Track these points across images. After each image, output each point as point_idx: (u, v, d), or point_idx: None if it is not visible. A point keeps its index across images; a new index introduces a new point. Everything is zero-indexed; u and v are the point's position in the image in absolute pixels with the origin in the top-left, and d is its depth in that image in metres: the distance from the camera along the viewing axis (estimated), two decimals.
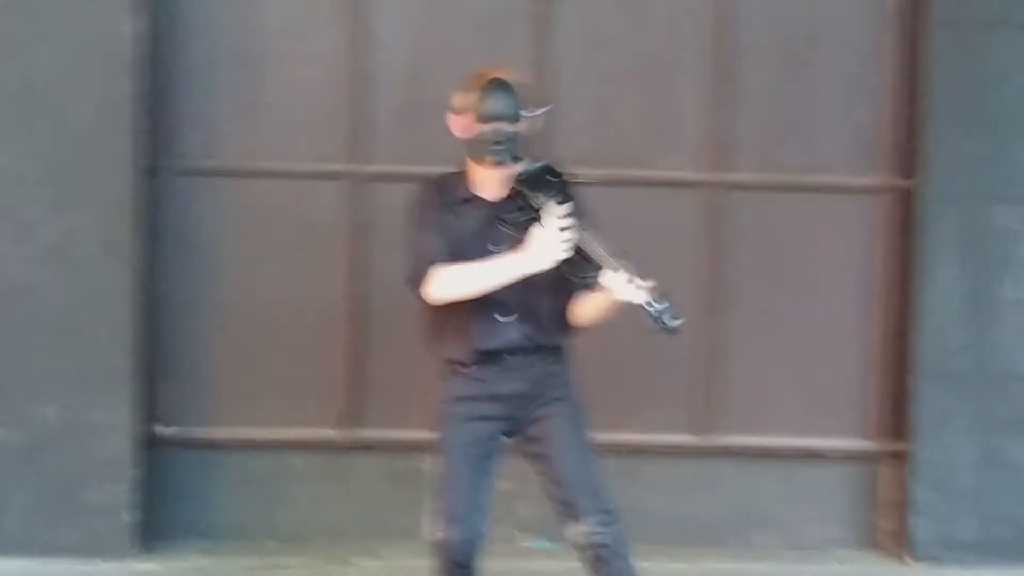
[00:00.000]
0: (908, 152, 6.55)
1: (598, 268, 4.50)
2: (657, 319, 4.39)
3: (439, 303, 4.66)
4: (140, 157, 6.23)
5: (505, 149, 4.64)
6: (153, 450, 6.42)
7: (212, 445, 6.52)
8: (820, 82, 6.61)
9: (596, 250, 4.50)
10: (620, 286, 4.43)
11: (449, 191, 4.75)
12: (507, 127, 4.63)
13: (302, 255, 6.53)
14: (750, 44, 6.57)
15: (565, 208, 4.52)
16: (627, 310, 4.50)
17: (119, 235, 6.18)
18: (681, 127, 6.55)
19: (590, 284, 4.55)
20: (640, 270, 4.44)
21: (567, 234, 4.49)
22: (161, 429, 6.47)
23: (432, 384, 6.52)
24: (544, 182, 4.61)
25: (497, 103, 4.65)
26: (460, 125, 4.72)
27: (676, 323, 4.39)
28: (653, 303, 4.39)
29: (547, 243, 4.51)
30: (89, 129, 6.14)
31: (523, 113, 4.66)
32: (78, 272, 6.16)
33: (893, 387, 6.65)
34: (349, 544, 6.53)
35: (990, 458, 6.49)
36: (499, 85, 4.68)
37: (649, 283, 4.42)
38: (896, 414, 6.64)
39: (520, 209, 4.63)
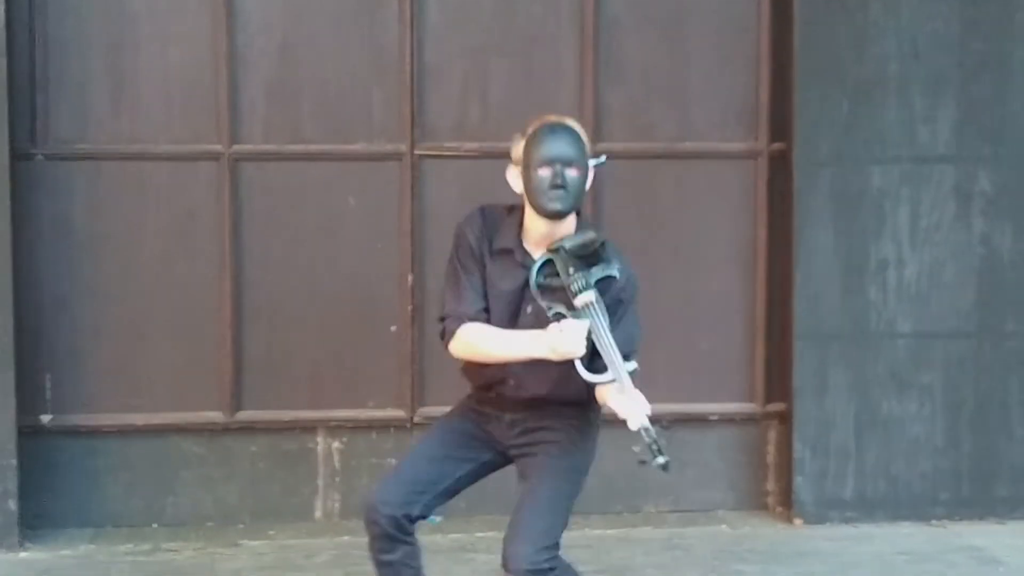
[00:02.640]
0: (780, 116, 6.60)
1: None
2: (649, 447, 4.12)
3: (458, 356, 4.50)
4: (12, 142, 6.17)
5: (567, 195, 4.29)
6: (35, 439, 6.38)
7: (95, 432, 6.48)
8: (691, 49, 6.64)
9: (610, 355, 4.22)
10: (619, 401, 4.19)
11: (496, 234, 4.44)
12: (567, 171, 4.30)
13: (178, 237, 6.50)
14: (620, 12, 6.59)
15: (589, 297, 4.25)
16: None
17: None
18: (552, 99, 6.51)
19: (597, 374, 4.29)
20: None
21: (584, 333, 4.19)
22: (43, 417, 6.43)
23: (314, 363, 6.59)
24: (584, 257, 4.30)
25: (556, 145, 4.30)
26: (515, 175, 4.38)
27: (663, 459, 4.11)
28: (649, 430, 4.13)
29: (567, 339, 4.18)
30: None
31: (588, 161, 4.36)
32: None
33: (775, 349, 6.71)
34: (238, 526, 6.54)
35: (866, 416, 6.57)
36: (557, 127, 4.36)
37: (648, 409, 4.17)
38: (778, 376, 6.71)
39: (550, 276, 4.33)
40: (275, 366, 6.55)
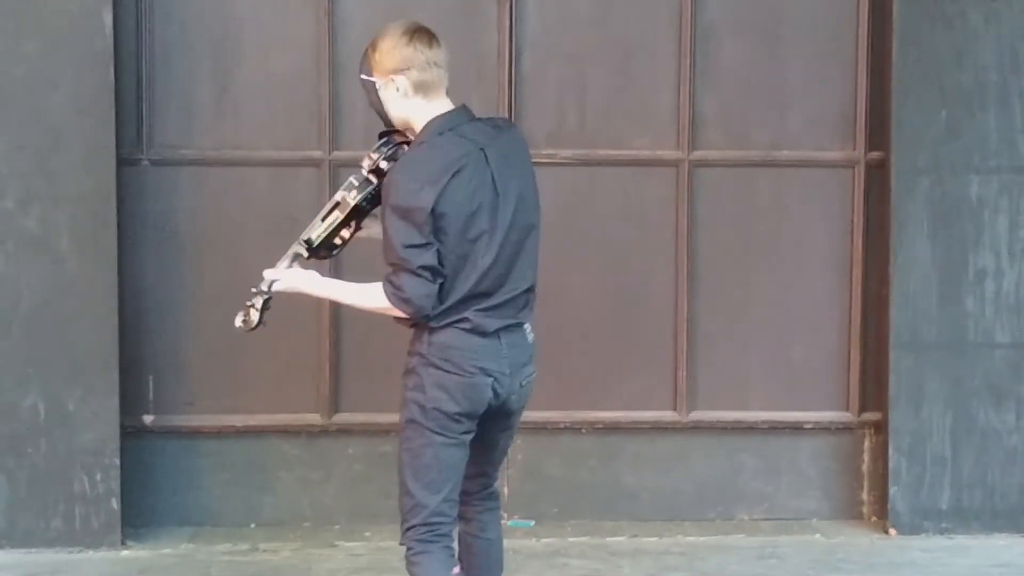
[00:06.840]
0: (879, 125, 6.58)
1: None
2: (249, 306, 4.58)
3: None
4: (118, 147, 6.29)
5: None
6: (137, 438, 6.50)
7: (195, 433, 6.58)
8: (789, 57, 6.63)
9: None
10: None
11: None
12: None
13: (279, 242, 6.53)
14: (717, 20, 6.60)
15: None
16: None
17: (98, 226, 6.23)
18: (650, 105, 6.59)
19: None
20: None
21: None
22: (145, 418, 6.54)
23: None
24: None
25: None
26: None
27: (240, 319, 4.64)
28: (259, 292, 4.63)
29: None
30: (66, 120, 6.19)
31: (364, 75, 4.69)
32: (57, 263, 6.22)
33: (870, 358, 6.69)
34: (334, 527, 6.62)
35: (963, 427, 6.53)
36: None
37: (270, 281, 4.69)
38: (874, 385, 6.68)
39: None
40: (372, 370, 6.60)
